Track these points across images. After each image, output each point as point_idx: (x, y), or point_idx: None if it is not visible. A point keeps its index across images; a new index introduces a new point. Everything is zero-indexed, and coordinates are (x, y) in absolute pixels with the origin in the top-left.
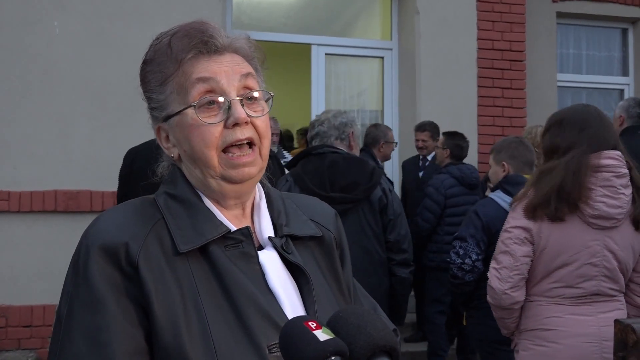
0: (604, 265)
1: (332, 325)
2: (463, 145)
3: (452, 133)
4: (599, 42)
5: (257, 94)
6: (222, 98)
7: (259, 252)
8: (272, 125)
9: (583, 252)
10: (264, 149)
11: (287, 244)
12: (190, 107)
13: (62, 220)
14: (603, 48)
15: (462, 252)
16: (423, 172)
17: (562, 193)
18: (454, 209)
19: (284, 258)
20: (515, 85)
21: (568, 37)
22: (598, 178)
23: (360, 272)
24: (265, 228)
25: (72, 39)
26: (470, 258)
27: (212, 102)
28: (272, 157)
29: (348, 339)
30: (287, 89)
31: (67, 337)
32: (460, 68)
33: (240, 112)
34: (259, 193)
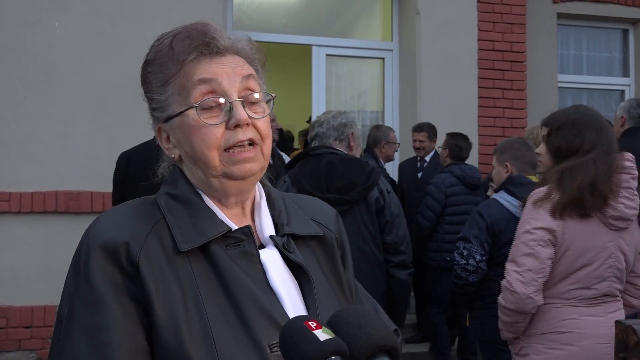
0: (616, 266)
1: (332, 325)
2: (462, 146)
3: (454, 134)
4: (600, 43)
5: (258, 96)
6: (223, 99)
7: (260, 251)
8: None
9: (601, 253)
10: (266, 149)
11: (288, 243)
12: (192, 108)
13: (62, 221)
14: (604, 49)
15: (466, 252)
16: (422, 173)
17: (594, 190)
18: (455, 208)
19: (285, 257)
20: (516, 86)
21: (569, 37)
22: (621, 179)
23: (357, 273)
24: (266, 227)
25: (72, 40)
26: (474, 259)
27: (213, 103)
28: (275, 156)
29: (348, 339)
30: (287, 90)
31: (67, 336)
32: (461, 69)
33: (242, 113)
34: (259, 192)
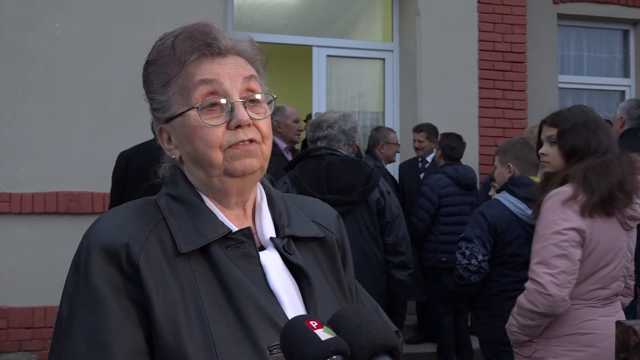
0: (626, 266)
1: (333, 325)
2: (454, 146)
3: (447, 134)
4: (600, 43)
5: (259, 97)
6: (224, 100)
7: (260, 252)
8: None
9: (619, 252)
10: (266, 149)
11: (288, 245)
12: (193, 108)
13: (63, 222)
14: (604, 49)
15: (468, 252)
16: (424, 173)
17: (623, 189)
18: (449, 209)
19: (286, 259)
20: (516, 87)
21: (569, 38)
22: (637, 180)
23: (358, 274)
24: (267, 229)
25: (73, 40)
26: (477, 259)
27: (215, 103)
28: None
29: (349, 338)
30: (288, 91)
31: (67, 337)
32: (461, 69)
33: (243, 114)
34: (260, 193)
